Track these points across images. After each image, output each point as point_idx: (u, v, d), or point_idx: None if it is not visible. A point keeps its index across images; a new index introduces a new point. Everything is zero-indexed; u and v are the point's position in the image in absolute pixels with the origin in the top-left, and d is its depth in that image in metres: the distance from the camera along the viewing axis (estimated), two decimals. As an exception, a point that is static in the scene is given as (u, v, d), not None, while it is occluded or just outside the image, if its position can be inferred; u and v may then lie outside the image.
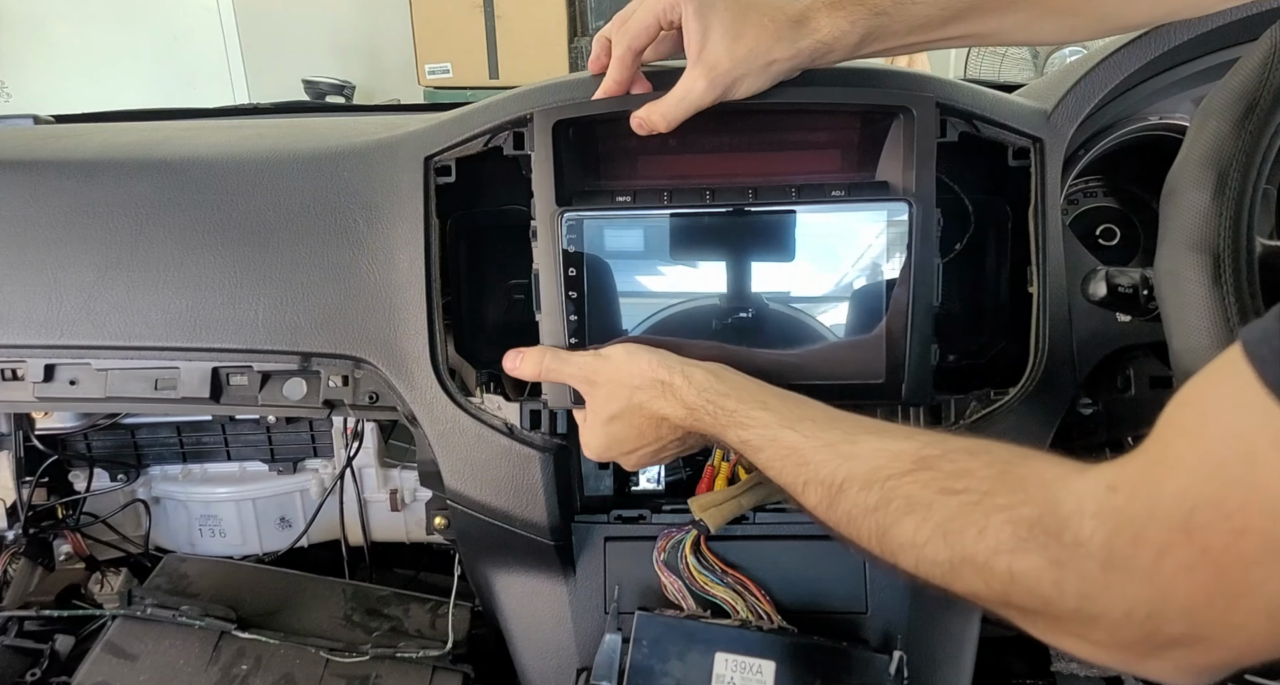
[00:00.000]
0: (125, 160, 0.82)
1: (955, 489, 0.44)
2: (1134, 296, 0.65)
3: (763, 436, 0.58)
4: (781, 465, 0.56)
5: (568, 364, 0.69)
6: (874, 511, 0.48)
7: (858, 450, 0.52)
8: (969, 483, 0.44)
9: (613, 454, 0.69)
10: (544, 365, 0.70)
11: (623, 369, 0.66)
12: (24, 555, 1.02)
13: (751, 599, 0.76)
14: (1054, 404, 0.76)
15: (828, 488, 0.51)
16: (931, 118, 0.69)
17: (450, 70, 3.21)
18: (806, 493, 0.53)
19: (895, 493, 0.47)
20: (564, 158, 0.71)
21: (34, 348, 0.81)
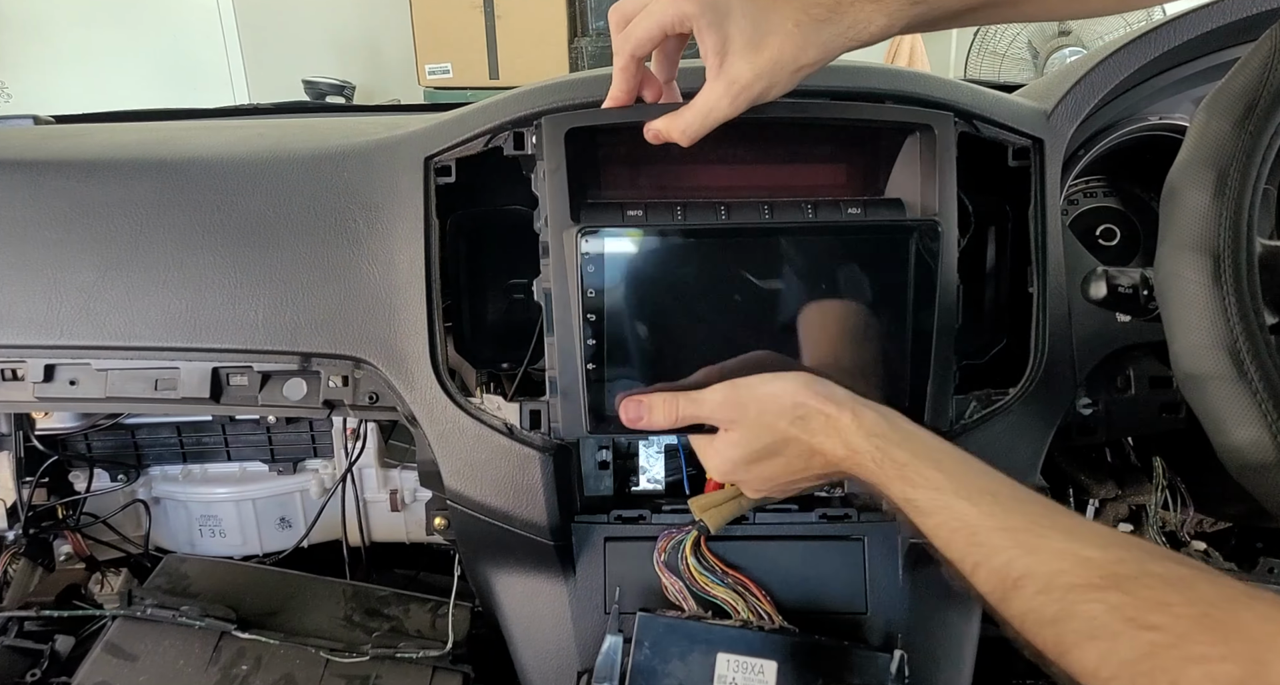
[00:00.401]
0: (125, 160, 0.82)
1: (1148, 623, 0.40)
2: (1134, 296, 0.65)
3: (933, 501, 0.53)
4: (950, 537, 0.51)
5: (703, 405, 0.63)
6: (1052, 624, 0.44)
7: (1042, 545, 0.47)
8: (1164, 619, 0.39)
9: (742, 477, 0.66)
10: (680, 413, 0.64)
11: (776, 400, 0.61)
12: (24, 555, 1.02)
13: (752, 599, 0.76)
14: (1054, 404, 0.76)
15: (1002, 578, 0.47)
16: (951, 134, 0.66)
17: (450, 70, 3.21)
18: (977, 576, 0.49)
19: (1077, 608, 0.43)
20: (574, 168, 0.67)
21: (34, 348, 0.81)
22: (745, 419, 0.62)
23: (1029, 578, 0.46)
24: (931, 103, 0.73)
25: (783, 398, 0.61)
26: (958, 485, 0.53)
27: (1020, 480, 0.75)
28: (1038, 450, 0.77)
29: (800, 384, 0.61)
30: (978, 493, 0.52)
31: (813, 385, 0.61)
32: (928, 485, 0.54)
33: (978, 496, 0.52)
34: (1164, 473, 0.96)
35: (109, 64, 3.40)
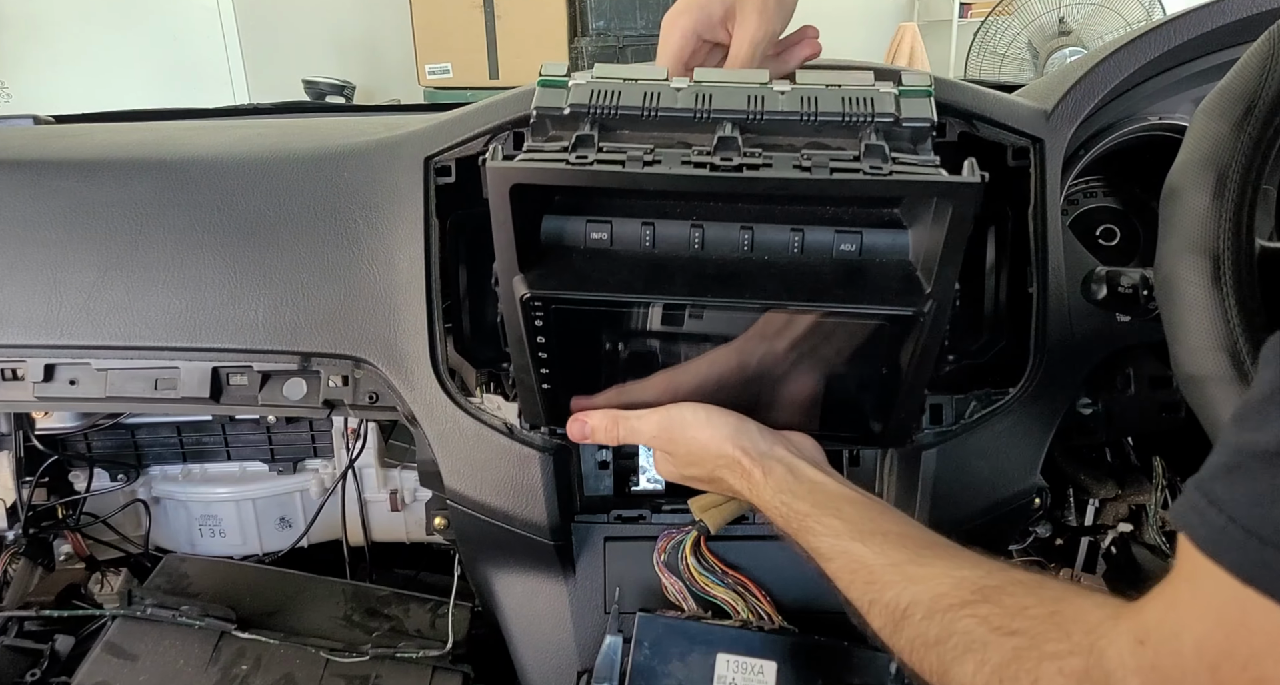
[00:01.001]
0: (125, 160, 0.82)
1: (1011, 629, 0.44)
2: (1134, 296, 0.65)
3: (833, 547, 0.57)
4: (850, 580, 0.55)
5: (640, 433, 0.67)
6: (935, 645, 0.48)
7: (924, 573, 0.51)
8: (1023, 623, 0.44)
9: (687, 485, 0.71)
10: (619, 435, 0.68)
11: (704, 447, 0.65)
12: (24, 555, 1.02)
13: (752, 599, 0.76)
14: (1054, 404, 0.76)
15: (892, 611, 0.51)
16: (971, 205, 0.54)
17: (450, 70, 3.22)
18: (873, 613, 0.53)
19: (955, 626, 0.47)
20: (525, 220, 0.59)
21: (34, 348, 0.81)
22: (676, 453, 0.67)
23: (915, 605, 0.50)
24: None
25: (710, 446, 0.64)
26: (854, 530, 0.57)
27: (1020, 480, 0.77)
28: (1038, 450, 0.77)
29: (724, 435, 0.64)
30: (870, 534, 0.56)
31: (736, 437, 0.64)
32: (828, 533, 0.58)
33: (869, 538, 0.55)
34: (1164, 473, 0.96)
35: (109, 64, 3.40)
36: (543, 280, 0.58)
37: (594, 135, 0.56)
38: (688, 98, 0.57)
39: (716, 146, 0.55)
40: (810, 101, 0.57)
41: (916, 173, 0.54)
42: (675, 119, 0.57)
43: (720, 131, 0.56)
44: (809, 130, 0.57)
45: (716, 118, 0.57)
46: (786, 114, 0.57)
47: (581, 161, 0.53)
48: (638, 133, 0.58)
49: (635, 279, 0.59)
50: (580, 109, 0.57)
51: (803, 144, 0.58)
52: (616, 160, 0.54)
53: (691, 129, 0.57)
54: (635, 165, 0.53)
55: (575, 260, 0.60)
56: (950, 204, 0.53)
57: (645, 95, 0.57)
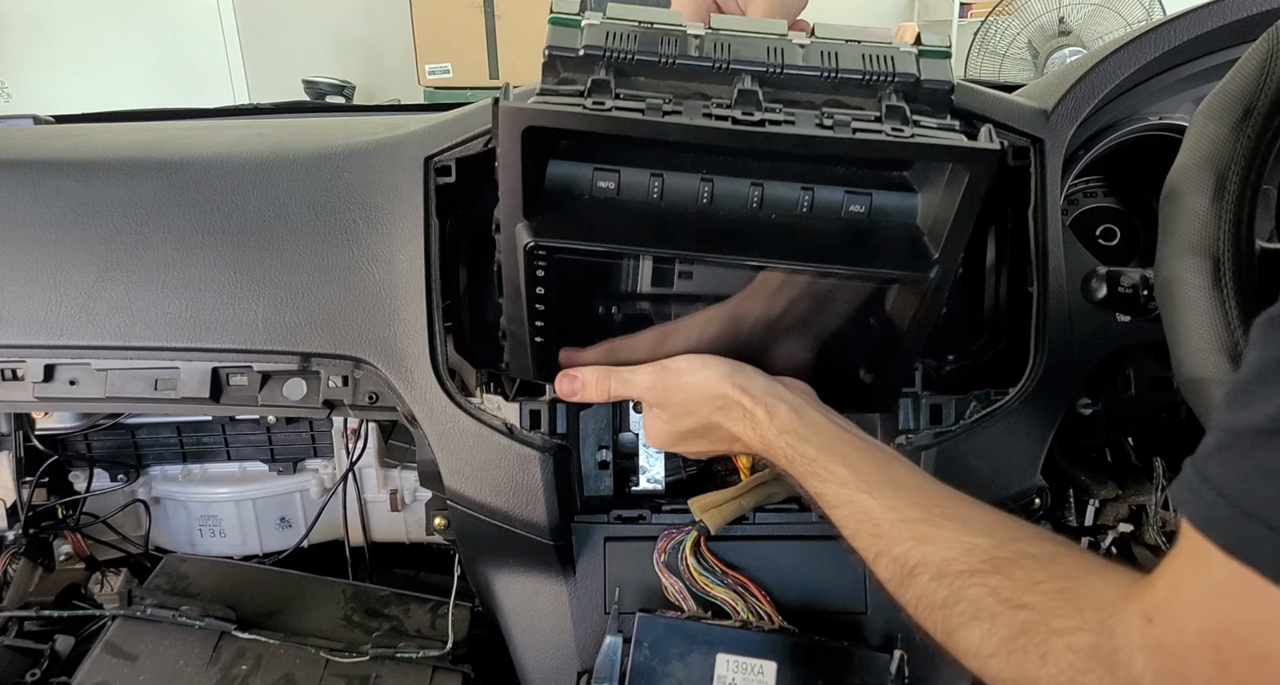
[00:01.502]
0: (125, 160, 0.82)
1: (1021, 602, 0.44)
2: (1134, 297, 0.65)
3: (839, 495, 0.56)
4: (856, 529, 0.55)
5: (632, 385, 0.65)
6: (941, 607, 0.48)
7: (935, 534, 0.51)
8: (1033, 598, 0.44)
9: (679, 449, 0.69)
10: (611, 391, 0.66)
11: (699, 389, 0.63)
12: (24, 555, 1.02)
13: (752, 599, 0.76)
14: (1054, 404, 0.76)
15: (900, 566, 0.51)
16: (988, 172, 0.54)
17: (450, 70, 3.21)
18: (879, 564, 0.53)
19: (963, 593, 0.47)
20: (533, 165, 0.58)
21: (34, 348, 0.81)
22: (671, 403, 0.64)
23: (923, 566, 0.50)
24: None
25: (705, 387, 0.63)
26: (861, 478, 0.56)
27: (1020, 480, 0.77)
28: (1038, 450, 0.77)
29: (721, 374, 0.62)
30: (879, 485, 0.55)
31: (733, 376, 0.62)
32: (834, 480, 0.57)
33: (878, 489, 0.55)
34: (1164, 473, 0.96)
35: (109, 64, 3.40)
36: (547, 229, 0.57)
37: (610, 81, 0.54)
38: (706, 46, 0.56)
39: (737, 100, 0.54)
40: (830, 57, 0.56)
41: (938, 137, 0.53)
42: (693, 68, 0.56)
43: (740, 84, 0.55)
44: (829, 87, 0.56)
45: (736, 69, 0.56)
46: (807, 70, 0.56)
47: (599, 107, 0.52)
48: (654, 80, 0.56)
49: (642, 232, 0.58)
50: (595, 51, 0.55)
51: (822, 101, 0.57)
52: (635, 108, 0.52)
53: (709, 79, 0.56)
54: (655, 114, 0.52)
55: (580, 209, 0.58)
56: (967, 170, 0.53)
57: (662, 41, 0.56)
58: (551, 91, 0.54)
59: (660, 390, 0.64)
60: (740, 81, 0.55)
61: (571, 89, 0.55)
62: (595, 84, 0.54)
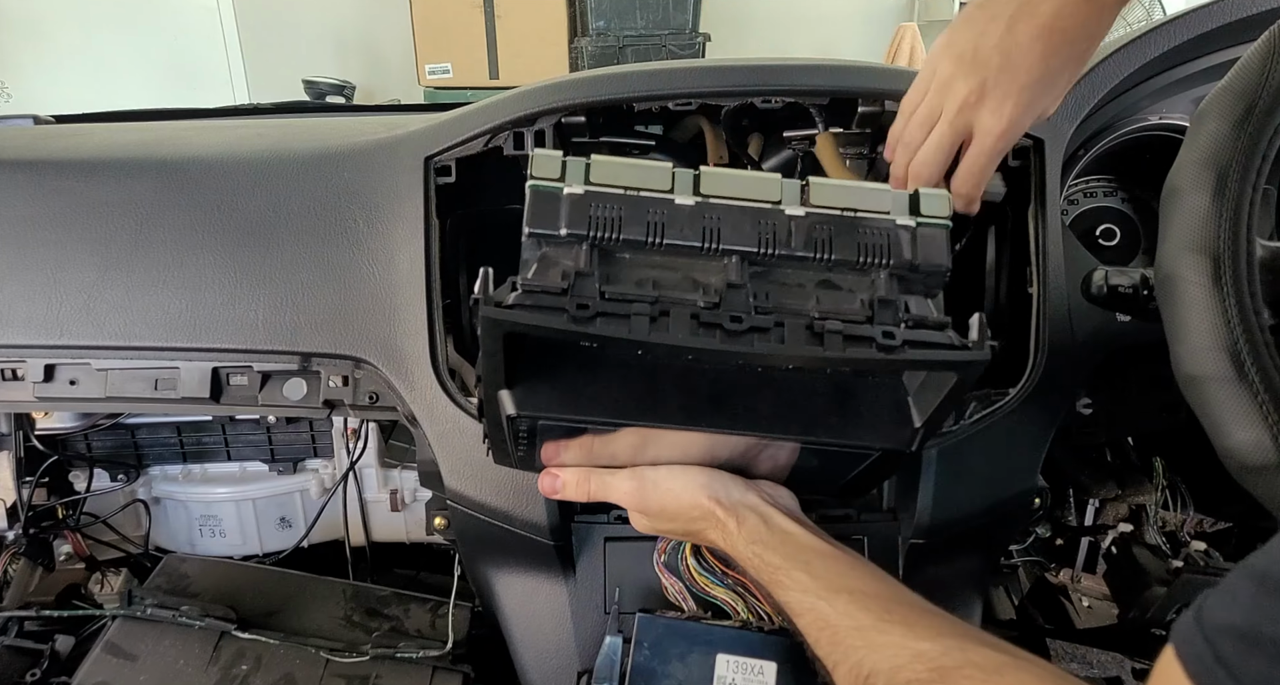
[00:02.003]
0: (125, 160, 0.82)
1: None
2: (1134, 296, 0.65)
3: (801, 603, 0.58)
4: (817, 637, 0.56)
5: (612, 489, 0.66)
6: None
7: (884, 641, 0.52)
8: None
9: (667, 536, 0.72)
10: (591, 492, 0.67)
11: (676, 499, 0.64)
12: (24, 555, 1.02)
13: (752, 600, 0.76)
14: (1054, 404, 0.76)
15: (856, 676, 0.52)
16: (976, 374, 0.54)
17: (450, 70, 3.22)
18: (838, 673, 0.54)
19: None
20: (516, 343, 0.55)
21: (34, 348, 0.81)
22: (649, 509, 0.66)
23: (875, 674, 0.51)
24: None
25: (682, 497, 0.64)
26: (821, 586, 0.58)
27: (1020, 480, 0.77)
28: (1038, 450, 0.77)
29: (698, 485, 0.64)
30: (836, 592, 0.57)
31: (710, 486, 0.64)
32: (796, 588, 0.59)
33: (836, 596, 0.56)
34: (1164, 473, 0.96)
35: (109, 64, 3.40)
36: (530, 401, 0.57)
37: (594, 274, 0.52)
38: (694, 222, 0.54)
39: (724, 300, 0.52)
40: (824, 240, 0.54)
41: (927, 349, 0.52)
42: (681, 248, 0.54)
43: (729, 274, 0.53)
44: (822, 268, 0.55)
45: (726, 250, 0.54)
46: (800, 255, 0.54)
47: (582, 314, 0.50)
48: (641, 256, 0.54)
49: (627, 400, 0.57)
50: (578, 234, 0.53)
51: (812, 284, 0.55)
52: (621, 313, 0.51)
53: (698, 258, 0.54)
54: (641, 325, 0.51)
55: (563, 371, 0.57)
56: (955, 375, 0.54)
57: (650, 218, 0.53)
58: (533, 287, 0.51)
59: (639, 499, 0.66)
60: (729, 269, 0.54)
61: (555, 275, 0.52)
62: (579, 279, 0.51)
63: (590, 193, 0.53)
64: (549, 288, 0.51)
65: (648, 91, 0.77)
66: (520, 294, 0.50)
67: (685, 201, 0.54)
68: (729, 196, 0.55)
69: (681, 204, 0.54)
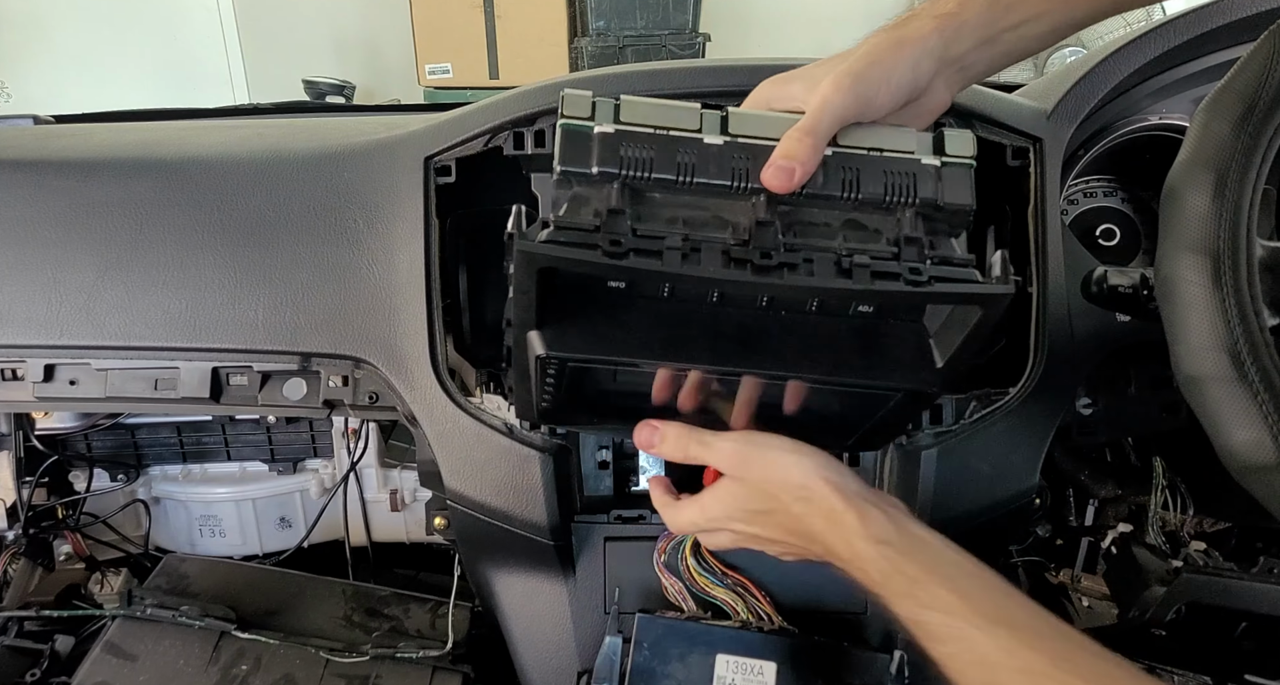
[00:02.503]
0: (125, 160, 0.82)
1: None
2: (1134, 296, 0.65)
3: (946, 628, 0.50)
4: (964, 670, 0.49)
5: (714, 450, 0.60)
6: None
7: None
8: None
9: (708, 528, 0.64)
10: (689, 451, 0.61)
11: (785, 473, 0.58)
12: (24, 555, 1.02)
13: (752, 600, 0.76)
14: (1054, 404, 0.76)
15: None
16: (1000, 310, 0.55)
17: (450, 70, 3.21)
18: None
19: None
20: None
21: (34, 348, 0.81)
22: (749, 477, 0.60)
23: None
24: None
25: (792, 473, 0.58)
26: (973, 611, 0.50)
27: (1020, 480, 0.77)
28: (1038, 450, 0.77)
29: (812, 466, 0.58)
30: (993, 623, 0.49)
31: (824, 470, 0.58)
32: (940, 608, 0.51)
33: (994, 627, 0.49)
34: (1164, 473, 0.96)
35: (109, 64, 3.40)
36: (559, 341, 0.56)
37: (625, 210, 0.52)
38: (724, 161, 0.54)
39: (754, 236, 0.52)
40: (851, 179, 0.55)
41: (953, 283, 0.53)
42: (711, 187, 0.54)
43: (758, 212, 0.54)
44: (848, 206, 0.55)
45: (755, 188, 0.54)
46: (826, 193, 0.55)
47: (616, 249, 0.50)
48: (670, 196, 0.55)
49: (655, 341, 0.57)
50: (610, 172, 0.53)
51: (840, 222, 0.55)
52: (653, 250, 0.51)
53: (727, 197, 0.55)
54: (674, 259, 0.51)
55: (591, 311, 0.57)
56: (979, 310, 0.53)
57: (680, 158, 0.54)
58: (566, 224, 0.51)
59: (741, 461, 0.60)
60: (758, 208, 0.54)
61: (588, 213, 0.52)
62: (611, 215, 0.52)
63: (621, 132, 0.54)
64: (581, 225, 0.51)
65: (648, 91, 0.77)
66: (553, 231, 0.51)
67: (714, 141, 0.55)
68: (757, 136, 0.55)
69: (710, 143, 0.55)
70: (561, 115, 0.54)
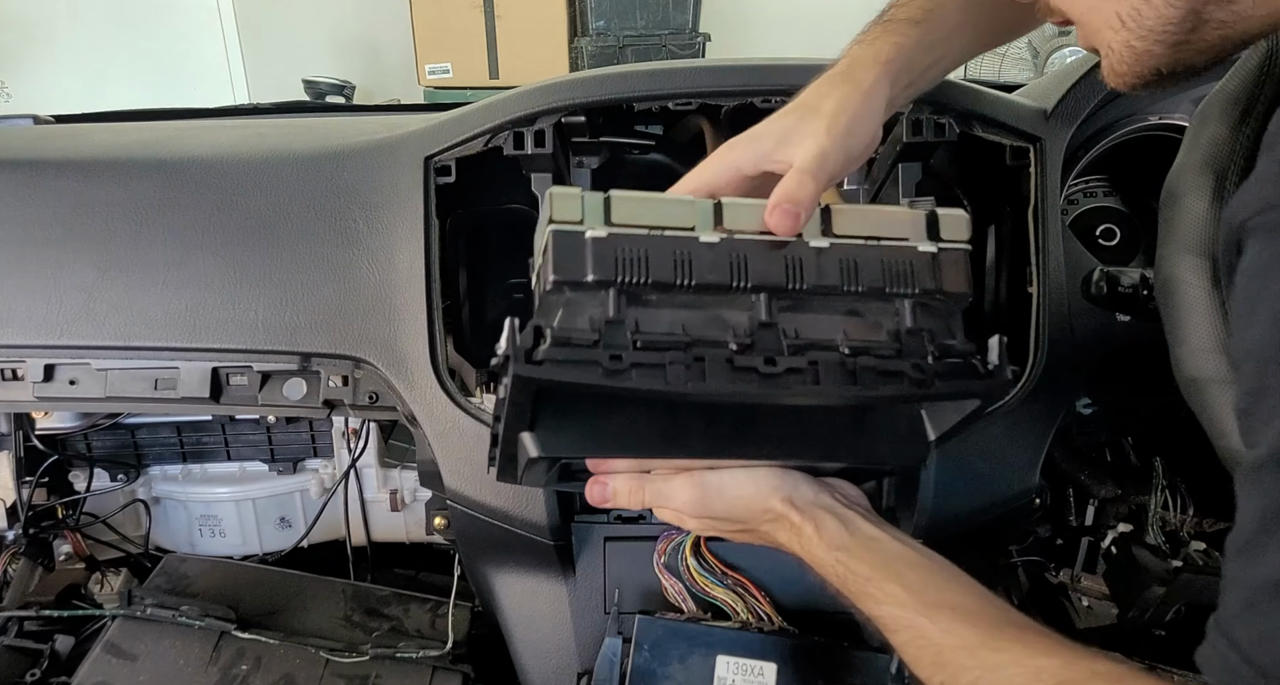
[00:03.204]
0: (125, 160, 0.82)
1: None
2: (1134, 296, 0.65)
3: (897, 619, 0.54)
4: (917, 655, 0.53)
5: (670, 499, 0.62)
6: None
7: (999, 660, 0.49)
8: None
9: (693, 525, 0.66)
10: (644, 500, 0.63)
11: (746, 505, 0.61)
12: (24, 555, 1.02)
13: (752, 600, 0.76)
14: (1054, 404, 0.76)
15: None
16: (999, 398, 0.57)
17: (450, 70, 3.21)
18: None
19: None
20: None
21: (34, 348, 0.81)
22: (714, 516, 0.63)
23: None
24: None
25: (753, 503, 0.61)
26: (919, 601, 0.54)
27: (1020, 480, 0.77)
28: (1038, 450, 0.77)
29: (769, 488, 0.61)
30: (937, 608, 0.53)
31: (781, 488, 0.61)
32: (890, 602, 0.55)
33: (937, 612, 0.53)
34: (1164, 473, 0.96)
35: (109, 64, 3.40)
36: (553, 443, 0.56)
37: (624, 321, 0.51)
38: (721, 260, 0.53)
39: (757, 340, 0.52)
40: (850, 274, 0.54)
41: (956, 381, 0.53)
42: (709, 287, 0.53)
43: (759, 313, 0.53)
44: (848, 298, 0.55)
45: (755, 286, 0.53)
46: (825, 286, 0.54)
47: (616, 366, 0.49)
48: (669, 296, 0.53)
49: (650, 435, 0.57)
50: (606, 280, 0.51)
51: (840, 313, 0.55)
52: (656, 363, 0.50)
53: (726, 296, 0.53)
54: (678, 375, 0.50)
55: (584, 410, 0.56)
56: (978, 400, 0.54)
57: (676, 260, 0.52)
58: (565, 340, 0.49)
59: (701, 504, 0.62)
60: (757, 308, 0.53)
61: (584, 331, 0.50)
62: (609, 327, 0.50)
63: (614, 235, 0.52)
64: (579, 338, 0.50)
65: (648, 91, 0.77)
66: (550, 347, 0.49)
67: (709, 238, 0.53)
68: (752, 230, 0.54)
69: (706, 241, 0.53)
70: (550, 219, 0.52)
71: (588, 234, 0.51)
